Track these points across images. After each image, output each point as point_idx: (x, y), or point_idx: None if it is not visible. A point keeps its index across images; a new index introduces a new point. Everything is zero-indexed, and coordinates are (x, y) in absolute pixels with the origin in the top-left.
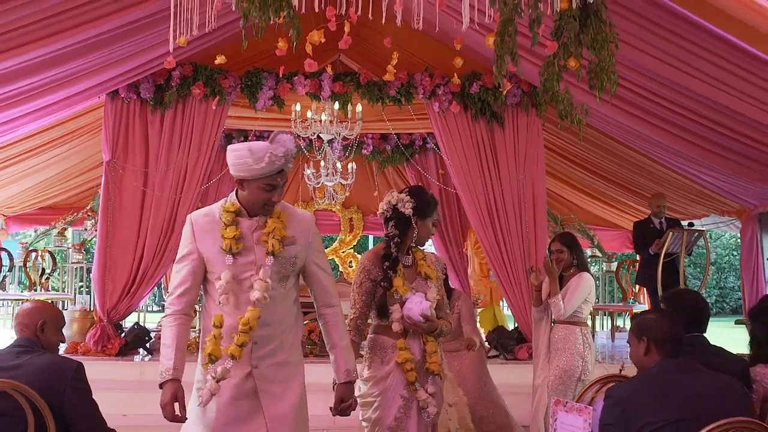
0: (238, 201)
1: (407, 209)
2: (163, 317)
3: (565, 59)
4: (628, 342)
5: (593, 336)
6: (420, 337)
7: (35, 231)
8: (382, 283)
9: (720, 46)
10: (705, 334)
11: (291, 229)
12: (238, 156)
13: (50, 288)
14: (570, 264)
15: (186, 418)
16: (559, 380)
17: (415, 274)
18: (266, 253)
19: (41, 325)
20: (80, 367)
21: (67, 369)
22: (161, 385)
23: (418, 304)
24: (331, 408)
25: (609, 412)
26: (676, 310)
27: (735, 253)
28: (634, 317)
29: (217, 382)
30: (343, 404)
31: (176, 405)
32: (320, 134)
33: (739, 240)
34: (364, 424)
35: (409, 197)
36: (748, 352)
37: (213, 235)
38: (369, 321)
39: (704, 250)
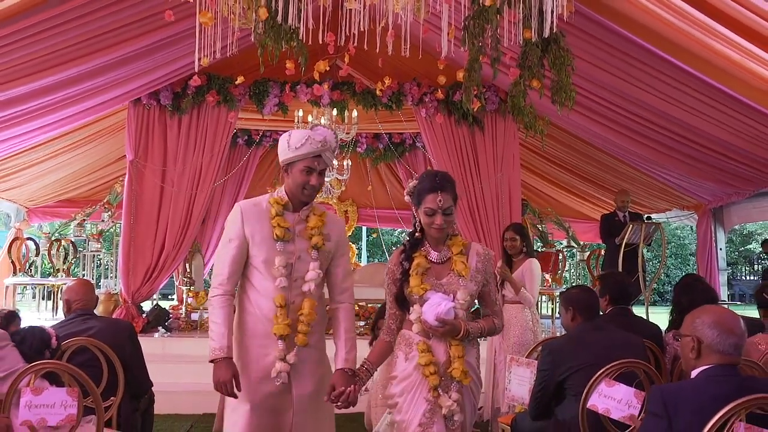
0: (286, 195)
1: (406, 198)
2: (212, 297)
3: (530, 79)
4: (558, 313)
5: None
6: (446, 340)
7: (39, 225)
8: (399, 277)
9: (667, 67)
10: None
11: (327, 228)
12: (281, 142)
13: (71, 274)
14: (520, 250)
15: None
16: (518, 355)
17: (448, 270)
18: (311, 247)
19: (97, 297)
20: (131, 325)
21: (124, 328)
22: (214, 362)
23: (435, 306)
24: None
25: (543, 360)
26: (608, 287)
27: None
28: (561, 294)
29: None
30: (335, 392)
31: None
32: None
33: None
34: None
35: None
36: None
37: (261, 222)
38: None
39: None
